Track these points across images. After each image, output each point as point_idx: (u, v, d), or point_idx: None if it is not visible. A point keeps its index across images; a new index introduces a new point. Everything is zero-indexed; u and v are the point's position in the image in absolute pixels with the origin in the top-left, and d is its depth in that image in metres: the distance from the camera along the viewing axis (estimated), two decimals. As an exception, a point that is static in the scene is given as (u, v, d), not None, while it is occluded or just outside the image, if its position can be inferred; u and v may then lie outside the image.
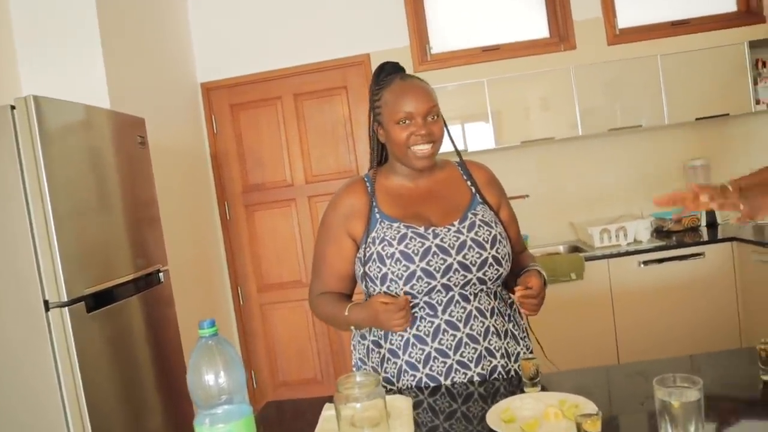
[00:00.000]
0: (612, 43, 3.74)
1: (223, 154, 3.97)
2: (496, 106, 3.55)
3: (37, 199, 1.95)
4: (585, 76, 3.50)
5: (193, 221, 3.62)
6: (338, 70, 3.84)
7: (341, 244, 1.56)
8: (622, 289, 3.27)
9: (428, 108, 1.49)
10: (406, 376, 1.49)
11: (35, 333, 1.96)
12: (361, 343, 1.61)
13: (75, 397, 1.97)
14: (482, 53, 3.80)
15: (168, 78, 3.53)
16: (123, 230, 2.36)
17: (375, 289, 1.49)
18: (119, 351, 2.22)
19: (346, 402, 1.16)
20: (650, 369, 1.42)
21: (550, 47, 3.77)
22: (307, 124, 3.90)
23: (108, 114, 2.40)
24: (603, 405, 1.19)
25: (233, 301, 4.02)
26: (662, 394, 1.02)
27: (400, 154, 1.52)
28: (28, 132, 1.95)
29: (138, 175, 2.54)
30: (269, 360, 4.02)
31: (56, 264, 1.96)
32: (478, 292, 1.49)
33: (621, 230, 3.42)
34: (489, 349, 1.48)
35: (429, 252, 1.45)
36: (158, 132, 3.19)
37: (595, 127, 3.54)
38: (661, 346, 3.22)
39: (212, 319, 1.04)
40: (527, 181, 3.83)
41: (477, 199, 1.57)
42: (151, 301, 2.47)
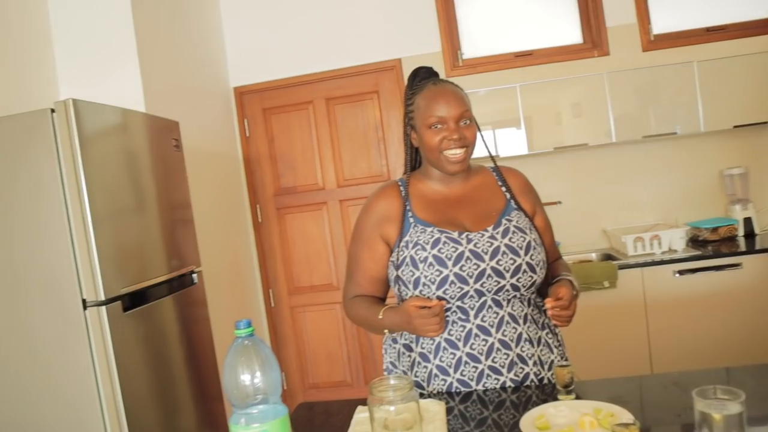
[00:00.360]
0: (646, 50, 3.69)
1: (255, 158, 4.01)
2: (528, 111, 3.53)
3: (76, 200, 1.99)
4: (619, 82, 3.46)
5: (225, 224, 3.66)
6: (370, 75, 3.85)
7: (375, 247, 1.57)
8: (656, 299, 3.22)
9: (460, 112, 1.49)
10: (436, 381, 1.49)
11: (73, 331, 1.99)
12: (392, 346, 1.61)
13: (111, 394, 2.00)
14: (515, 59, 3.78)
15: (201, 82, 3.59)
16: (158, 232, 2.40)
17: (408, 293, 1.49)
18: (153, 350, 2.25)
19: (380, 404, 1.16)
20: (687, 380, 1.39)
21: (584, 53, 3.74)
22: (339, 128, 3.92)
23: (143, 117, 2.44)
24: (638, 415, 1.18)
25: (264, 304, 4.05)
26: (702, 405, 1.00)
27: (433, 158, 1.53)
28: (67, 135, 1.99)
29: (173, 177, 2.58)
30: (299, 362, 4.04)
31: (94, 264, 1.99)
32: (511, 298, 1.48)
33: (655, 239, 3.36)
34: (521, 356, 1.47)
35: (462, 257, 1.45)
36: (192, 135, 3.23)
37: (629, 134, 3.49)
38: (695, 357, 3.16)
39: (248, 320, 1.06)
40: (559, 188, 3.80)
41: (512, 205, 1.57)
42: (184, 301, 2.50)
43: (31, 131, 2.00)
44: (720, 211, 3.74)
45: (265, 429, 1.02)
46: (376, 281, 1.60)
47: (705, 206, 3.75)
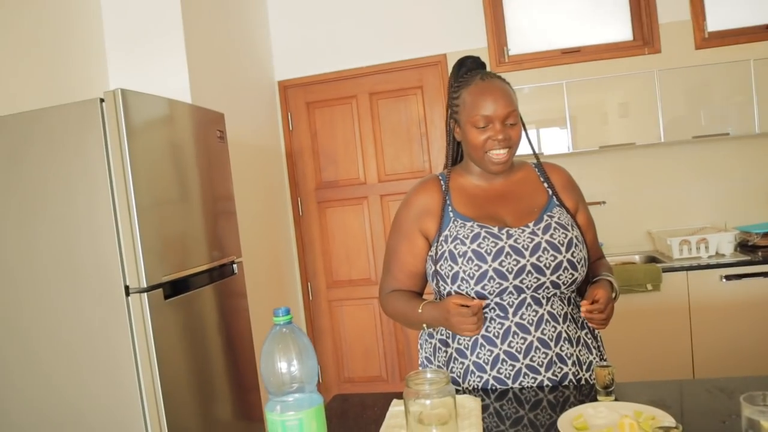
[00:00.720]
0: (700, 47, 3.58)
1: (298, 151, 4.04)
2: (574, 109, 3.47)
3: (122, 189, 2.03)
4: (670, 80, 3.37)
5: (266, 216, 3.70)
6: (414, 70, 3.84)
7: (413, 241, 1.55)
8: (701, 304, 3.13)
9: (507, 112, 1.46)
10: (472, 377, 1.47)
11: (116, 316, 2.03)
12: (428, 341, 1.60)
13: (150, 379, 2.04)
14: (562, 55, 3.72)
15: (247, 76, 3.63)
16: (200, 222, 2.44)
17: (446, 288, 1.48)
18: (192, 338, 2.29)
19: (415, 398, 1.15)
20: (733, 386, 1.34)
21: (634, 50, 3.65)
22: (382, 123, 3.92)
23: (189, 108, 2.47)
24: (680, 420, 1.15)
25: (302, 296, 4.08)
26: (750, 412, 0.96)
27: (476, 157, 1.51)
28: (116, 124, 2.02)
29: (216, 168, 2.61)
30: (336, 356, 4.06)
31: (137, 252, 2.03)
32: (551, 296, 1.45)
33: (702, 242, 3.27)
34: (560, 355, 1.44)
35: (502, 252, 1.43)
36: (236, 128, 3.27)
37: (679, 133, 3.40)
38: (740, 365, 3.06)
39: (287, 307, 1.06)
40: (604, 188, 3.72)
41: (554, 201, 1.54)
42: (224, 291, 2.54)
43: (81, 121, 2.04)
44: (772, 216, 3.61)
45: (300, 417, 1.02)
46: (414, 276, 1.59)
47: (756, 210, 3.63)
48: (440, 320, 1.45)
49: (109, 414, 2.06)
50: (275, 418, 1.03)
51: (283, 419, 1.02)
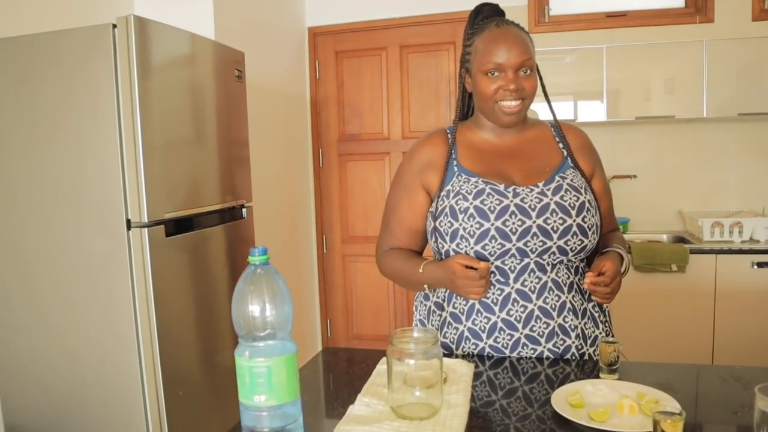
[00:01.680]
0: (757, 19, 3.35)
1: (323, 101, 3.93)
2: (613, 76, 3.29)
3: (129, 120, 1.96)
4: (720, 52, 3.16)
5: (285, 164, 3.63)
6: (447, 24, 3.67)
7: (414, 196, 1.45)
8: (728, 289, 2.98)
9: (521, 61, 1.33)
10: (467, 344, 1.38)
11: (116, 249, 1.99)
12: (423, 303, 1.51)
13: (147, 314, 2.00)
14: (606, 18, 3.51)
15: (276, 19, 3.51)
16: (210, 161, 2.37)
17: (444, 247, 1.38)
18: (195, 278, 2.24)
19: (399, 357, 1.07)
20: (751, 375, 1.24)
21: (684, 18, 3.43)
22: (411, 78, 3.78)
23: (207, 44, 2.38)
24: (688, 407, 1.04)
25: (317, 249, 4.03)
26: (765, 404, 0.86)
27: (486, 108, 1.39)
28: (126, 52, 1.94)
29: (232, 109, 2.53)
30: (345, 311, 4.02)
31: (140, 185, 1.97)
32: (557, 263, 1.35)
33: (736, 226, 3.10)
34: (563, 326, 1.34)
35: (506, 211, 1.32)
36: (260, 71, 3.18)
37: (723, 110, 3.20)
38: (763, 356, 2.93)
39: (264, 247, 0.98)
40: (637, 161, 3.56)
41: (568, 162, 1.42)
42: (231, 234, 2.48)
43: (93, 47, 1.97)
44: (815, 205, 3.42)
45: (269, 365, 0.95)
46: (414, 233, 1.48)
47: (798, 198, 3.44)
48: (444, 281, 1.35)
49: (104, 346, 2.04)
50: (243, 363, 0.96)
51: (251, 365, 0.95)
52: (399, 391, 1.08)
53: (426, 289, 1.45)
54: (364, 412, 1.09)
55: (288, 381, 0.97)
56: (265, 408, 0.96)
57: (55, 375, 2.09)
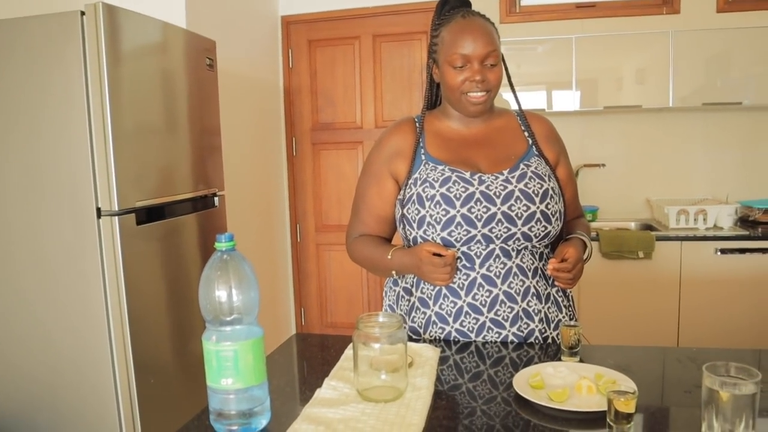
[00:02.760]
0: (722, 10, 3.41)
1: (296, 90, 3.93)
2: (582, 67, 3.33)
3: (98, 108, 1.95)
4: (685, 43, 3.22)
5: (259, 152, 3.62)
6: (420, 14, 3.68)
7: (383, 184, 1.48)
8: (693, 275, 3.06)
9: (487, 52, 1.36)
10: (434, 328, 1.41)
11: (87, 237, 1.99)
12: (393, 289, 1.54)
13: (118, 302, 2.00)
14: (575, 9, 3.56)
15: (249, 7, 3.49)
16: (182, 149, 2.36)
17: (412, 233, 1.41)
18: (167, 266, 2.25)
19: (365, 341, 1.10)
20: (706, 356, 1.28)
21: (652, 9, 3.48)
22: (383, 67, 3.79)
23: (178, 32, 2.37)
24: (643, 386, 1.09)
25: (291, 237, 4.03)
26: (711, 382, 0.90)
27: (453, 98, 1.42)
28: (95, 39, 1.93)
29: (203, 97, 2.53)
30: (319, 300, 4.04)
31: (110, 174, 1.97)
32: (521, 249, 1.38)
33: (701, 213, 3.18)
34: (527, 310, 1.38)
35: (472, 198, 1.35)
36: (234, 60, 3.17)
37: (689, 100, 3.26)
38: (727, 339, 3.01)
39: (230, 234, 0.99)
40: (605, 150, 3.62)
41: (533, 150, 1.46)
42: (203, 223, 2.48)
43: (61, 34, 1.96)
44: (777, 193, 3.51)
45: (236, 349, 0.97)
46: (383, 220, 1.51)
47: (761, 186, 3.53)
48: (411, 268, 1.38)
49: (75, 335, 2.05)
50: (210, 348, 0.98)
51: (218, 349, 0.97)
52: (365, 374, 1.10)
53: (395, 275, 1.48)
54: (330, 395, 1.11)
55: (254, 364, 0.99)
56: (232, 391, 0.97)
57: (27, 364, 2.09)
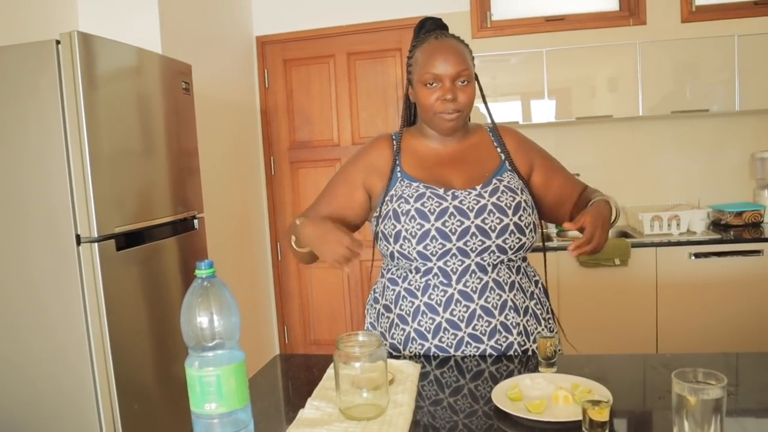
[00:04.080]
0: (686, 21, 3.51)
1: (273, 109, 3.95)
2: (554, 79, 3.40)
3: (76, 135, 1.96)
4: (653, 53, 3.31)
5: (237, 173, 3.63)
6: (394, 32, 3.74)
7: (354, 190, 1.51)
8: (669, 280, 3.12)
9: (458, 71, 1.40)
10: (413, 345, 1.44)
11: (66, 265, 1.99)
12: (374, 306, 1.57)
13: (99, 331, 2.00)
14: (545, 23, 3.63)
15: (224, 29, 3.52)
16: (160, 174, 2.37)
17: (388, 249, 1.44)
18: (148, 291, 2.25)
19: (346, 360, 1.12)
20: (679, 362, 1.32)
21: (619, 21, 3.57)
22: (359, 84, 3.83)
23: (154, 57, 2.39)
24: (619, 394, 1.12)
25: (272, 256, 4.04)
26: (680, 388, 0.93)
27: (426, 117, 1.46)
28: (71, 68, 1.95)
29: (180, 121, 2.54)
30: (302, 318, 4.04)
31: (89, 200, 1.98)
32: (497, 263, 1.41)
33: (674, 219, 3.25)
34: (505, 324, 1.41)
35: (446, 212, 1.39)
36: (210, 82, 3.19)
37: (659, 108, 3.34)
38: (704, 343, 3.07)
39: (210, 261, 1.01)
40: (580, 160, 3.67)
41: (506, 166, 1.49)
42: (184, 246, 2.48)
43: (36, 63, 1.97)
44: (747, 196, 3.60)
45: (218, 374, 0.98)
46: (339, 220, 1.47)
47: (731, 189, 3.61)
48: (313, 238, 1.34)
49: (57, 363, 2.03)
50: (193, 373, 0.99)
51: (201, 374, 0.98)
52: (347, 393, 1.12)
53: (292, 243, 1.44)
54: (313, 415, 1.13)
55: (237, 388, 1.00)
56: (216, 415, 0.99)
57: (9, 392, 2.07)
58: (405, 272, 1.45)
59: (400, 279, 1.47)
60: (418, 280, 1.43)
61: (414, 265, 1.42)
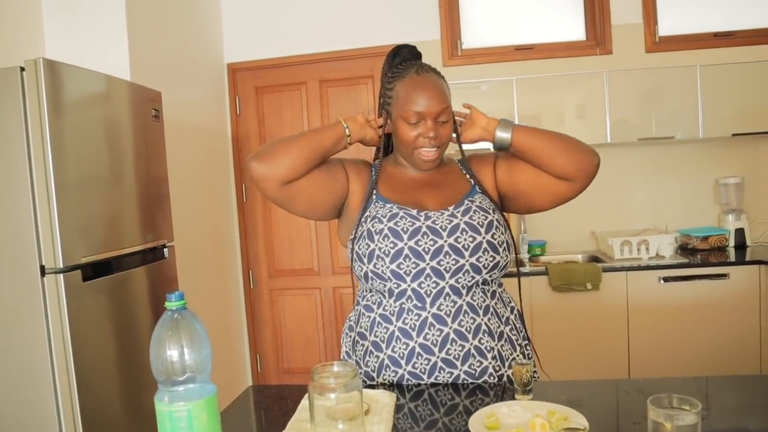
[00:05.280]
0: (650, 51, 3.61)
1: (245, 137, 3.93)
2: (524, 105, 3.46)
3: (40, 163, 1.92)
4: (619, 82, 3.38)
5: (209, 201, 3.59)
6: (365, 59, 3.77)
7: (338, 171, 1.48)
8: (639, 305, 3.15)
9: (440, 110, 1.42)
10: (387, 372, 1.42)
11: (30, 297, 1.94)
12: (348, 335, 1.55)
13: (65, 364, 1.94)
14: (515, 52, 3.70)
15: (194, 56, 3.51)
16: (129, 202, 2.33)
17: (362, 269, 1.43)
18: (116, 322, 2.19)
19: (320, 392, 1.09)
20: (651, 387, 1.33)
21: (586, 50, 3.66)
22: (331, 111, 3.84)
23: (122, 84, 2.36)
24: (594, 420, 1.12)
25: (243, 284, 3.99)
26: (655, 415, 0.94)
27: (406, 152, 1.48)
28: (36, 95, 1.92)
29: (150, 148, 2.51)
30: (275, 346, 3.98)
31: (54, 230, 1.93)
32: (472, 285, 1.41)
33: (643, 243, 3.30)
34: (479, 348, 1.40)
35: (419, 232, 1.40)
36: (181, 109, 3.16)
37: (626, 135, 3.41)
38: (676, 366, 3.10)
39: (181, 292, 0.99)
40: (550, 186, 3.72)
41: (476, 189, 1.52)
42: (153, 275, 2.44)
43: (0, 89, 1.93)
44: (713, 220, 3.68)
45: (189, 408, 0.96)
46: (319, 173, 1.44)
47: (697, 214, 3.69)
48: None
49: (19, 399, 1.96)
50: (163, 409, 0.96)
51: (171, 410, 0.96)
52: (322, 425, 1.10)
53: (344, 124, 1.47)
54: (287, 448, 1.10)
55: (209, 423, 0.98)
56: (187, 452, 0.96)
57: (-34, 432, 2.00)
58: (379, 297, 1.45)
59: (375, 305, 1.46)
60: (392, 304, 1.42)
61: (388, 286, 1.41)
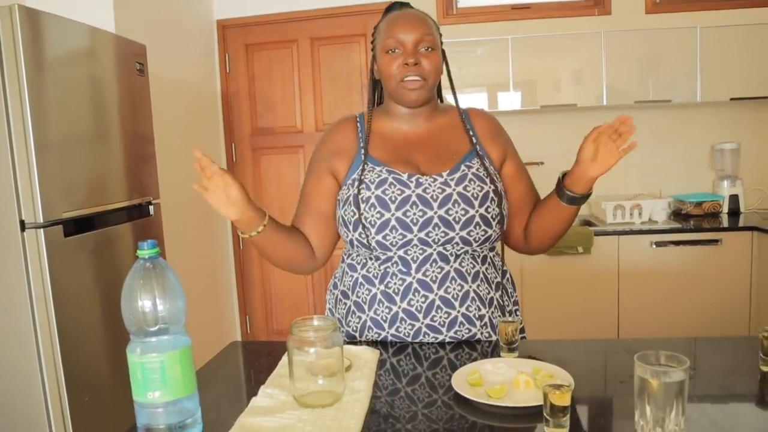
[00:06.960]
0: (650, 12, 3.53)
1: (234, 95, 3.86)
2: (518, 67, 3.39)
3: (18, 116, 1.86)
4: (617, 43, 3.31)
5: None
6: (358, 17, 3.68)
7: (321, 179, 1.45)
8: (630, 269, 3.14)
9: (420, 35, 1.35)
10: (369, 333, 1.39)
11: (10, 252, 1.90)
12: (332, 292, 1.52)
13: (46, 319, 1.91)
14: (511, 11, 3.62)
15: (183, 11, 3.41)
16: (114, 158, 2.28)
17: (348, 235, 1.38)
18: (98, 278, 2.16)
19: (300, 346, 1.07)
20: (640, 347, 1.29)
21: (584, 10, 3.58)
22: (322, 70, 3.77)
23: (105, 36, 2.29)
24: (580, 378, 1.09)
25: (233, 244, 3.96)
26: (642, 371, 0.91)
27: (391, 88, 1.39)
28: (12, 44, 1.84)
29: (135, 104, 2.45)
30: (264, 307, 3.97)
31: (34, 186, 1.89)
32: (461, 253, 1.36)
33: (636, 208, 3.27)
34: (467, 315, 1.36)
35: (407, 201, 1.32)
36: (167, 65, 3.08)
37: (622, 98, 3.36)
38: (665, 329, 3.11)
39: (153, 240, 0.95)
40: (543, 149, 3.68)
41: (476, 151, 1.42)
42: (138, 233, 2.40)
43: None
44: (707, 186, 3.65)
45: (162, 360, 0.92)
46: (320, 216, 1.45)
47: (692, 180, 3.66)
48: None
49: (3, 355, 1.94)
50: (135, 360, 0.93)
51: (143, 361, 0.93)
52: (301, 380, 1.07)
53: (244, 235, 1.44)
54: (266, 403, 1.08)
55: (183, 375, 0.95)
56: (160, 404, 0.93)
57: (-53, 388, 1.97)
58: (364, 259, 1.40)
59: (359, 265, 1.42)
60: (376, 267, 1.38)
61: (374, 253, 1.37)
